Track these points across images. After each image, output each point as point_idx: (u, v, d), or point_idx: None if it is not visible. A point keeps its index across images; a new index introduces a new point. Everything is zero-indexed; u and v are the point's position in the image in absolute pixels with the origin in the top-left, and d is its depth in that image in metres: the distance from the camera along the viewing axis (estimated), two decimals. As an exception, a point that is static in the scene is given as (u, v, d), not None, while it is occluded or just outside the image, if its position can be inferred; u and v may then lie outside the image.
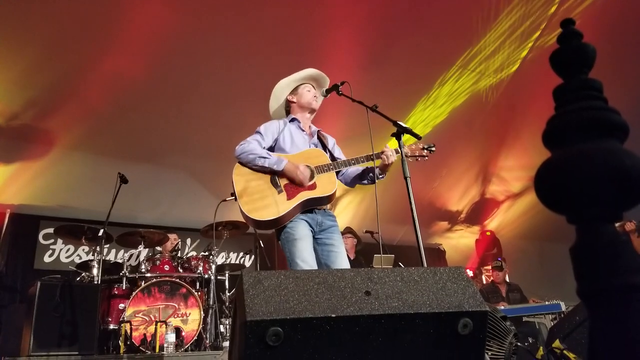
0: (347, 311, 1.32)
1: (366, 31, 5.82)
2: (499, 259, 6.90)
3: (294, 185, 2.74)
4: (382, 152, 2.80)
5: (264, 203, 2.71)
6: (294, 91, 3.12)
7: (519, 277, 7.40)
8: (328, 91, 3.03)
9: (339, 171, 3.01)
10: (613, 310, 0.77)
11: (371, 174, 2.89)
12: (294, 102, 3.11)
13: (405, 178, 2.48)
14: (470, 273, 8.12)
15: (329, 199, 2.80)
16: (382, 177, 2.93)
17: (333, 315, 1.30)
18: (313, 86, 3.12)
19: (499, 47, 6.71)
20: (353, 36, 5.82)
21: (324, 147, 3.02)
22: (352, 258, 5.88)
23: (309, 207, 2.76)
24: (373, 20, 5.72)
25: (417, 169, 2.96)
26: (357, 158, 2.84)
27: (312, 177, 2.76)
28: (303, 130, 3.04)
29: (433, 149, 2.99)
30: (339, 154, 3.11)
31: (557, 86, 0.89)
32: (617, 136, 0.83)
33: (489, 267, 7.50)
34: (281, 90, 3.14)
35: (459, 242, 9.67)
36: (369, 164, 2.88)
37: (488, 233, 9.36)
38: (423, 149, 2.96)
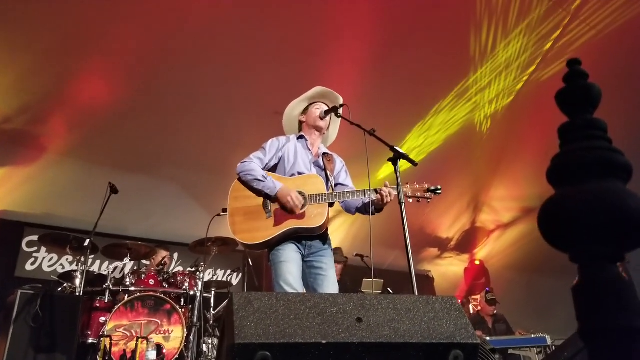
0: (338, 338, 1.29)
1: (365, 55, 5.88)
2: (487, 289, 6.88)
3: (284, 211, 2.71)
4: (380, 190, 2.71)
5: (251, 226, 2.70)
6: (305, 111, 3.14)
7: (506, 308, 7.37)
8: (327, 112, 3.03)
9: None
10: (615, 352, 0.75)
11: (368, 208, 2.81)
12: (303, 122, 3.13)
13: (400, 204, 2.47)
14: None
15: (316, 230, 2.74)
16: (379, 212, 2.81)
17: (323, 342, 1.27)
18: (327, 104, 3.10)
19: (494, 78, 6.81)
20: (353, 58, 5.87)
21: (326, 172, 2.96)
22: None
23: (296, 235, 2.73)
24: (372, 45, 5.78)
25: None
26: (354, 192, 2.78)
27: (304, 205, 2.72)
28: (309, 150, 3.02)
29: (439, 191, 2.78)
30: (344, 179, 3.07)
31: (563, 124, 0.90)
32: (620, 177, 0.83)
33: (477, 297, 7.46)
34: (291, 110, 3.17)
35: (448, 269, 9.63)
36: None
37: (477, 262, 9.34)
38: (427, 190, 2.79)
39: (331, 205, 2.85)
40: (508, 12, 6.04)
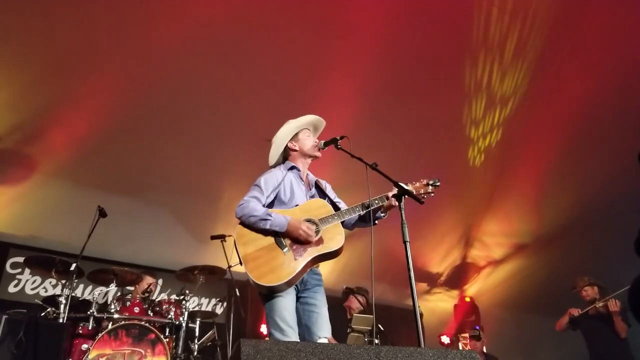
0: (351, 392, 1.22)
1: (358, 87, 5.89)
2: (477, 327, 6.78)
3: (300, 242, 2.62)
4: (388, 197, 2.74)
5: (271, 266, 2.54)
6: (295, 137, 3.05)
7: (496, 347, 7.26)
8: (326, 144, 2.98)
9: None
10: None
11: (367, 219, 2.80)
12: (295, 150, 3.02)
13: (405, 242, 2.42)
14: (447, 340, 7.87)
15: (339, 252, 2.68)
16: (384, 216, 2.87)
17: (336, 396, 1.20)
18: (310, 130, 3.08)
19: (489, 113, 6.85)
20: (349, 90, 5.89)
21: (324, 196, 2.92)
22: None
23: (318, 262, 2.66)
24: (364, 77, 5.80)
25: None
26: (362, 204, 2.76)
27: (317, 231, 2.64)
28: (302, 180, 2.96)
29: (438, 184, 2.81)
30: (334, 198, 3.03)
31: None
32: None
33: (467, 335, 7.33)
34: (283, 138, 3.04)
35: (437, 305, 9.45)
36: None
37: (467, 299, 9.16)
38: (427, 184, 2.81)
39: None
40: (504, 48, 6.11)
